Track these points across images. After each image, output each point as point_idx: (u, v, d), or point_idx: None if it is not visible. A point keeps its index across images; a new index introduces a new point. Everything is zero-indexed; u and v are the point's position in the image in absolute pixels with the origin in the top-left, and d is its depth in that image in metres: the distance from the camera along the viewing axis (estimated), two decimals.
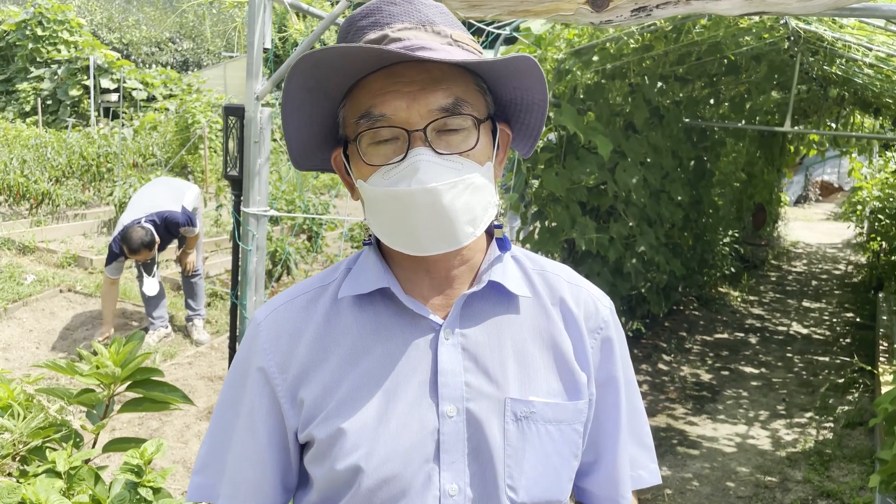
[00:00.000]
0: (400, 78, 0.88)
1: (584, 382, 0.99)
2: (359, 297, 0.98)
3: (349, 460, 0.90)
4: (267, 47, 2.44)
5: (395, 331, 0.95)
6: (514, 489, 0.93)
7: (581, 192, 4.66)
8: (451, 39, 0.91)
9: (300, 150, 0.98)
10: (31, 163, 8.77)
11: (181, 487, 3.43)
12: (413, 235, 0.90)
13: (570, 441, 0.97)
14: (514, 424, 0.93)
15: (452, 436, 0.92)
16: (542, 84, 0.94)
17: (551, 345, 0.99)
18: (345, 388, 0.93)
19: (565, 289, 1.03)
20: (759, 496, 3.84)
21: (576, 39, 4.31)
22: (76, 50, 15.23)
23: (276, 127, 5.20)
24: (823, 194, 19.11)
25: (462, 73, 0.91)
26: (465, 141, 0.91)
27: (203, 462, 1.03)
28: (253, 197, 2.55)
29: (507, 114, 1.01)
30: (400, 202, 0.88)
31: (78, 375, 1.89)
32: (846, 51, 4.66)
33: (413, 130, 0.88)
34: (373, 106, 0.89)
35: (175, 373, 4.79)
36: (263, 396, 0.97)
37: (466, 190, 0.90)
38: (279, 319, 0.99)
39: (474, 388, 0.93)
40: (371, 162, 0.90)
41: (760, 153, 9.34)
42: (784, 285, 9.34)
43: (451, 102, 0.89)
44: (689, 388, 5.40)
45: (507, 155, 1.03)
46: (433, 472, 0.91)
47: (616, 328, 1.05)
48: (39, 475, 1.67)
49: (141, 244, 4.74)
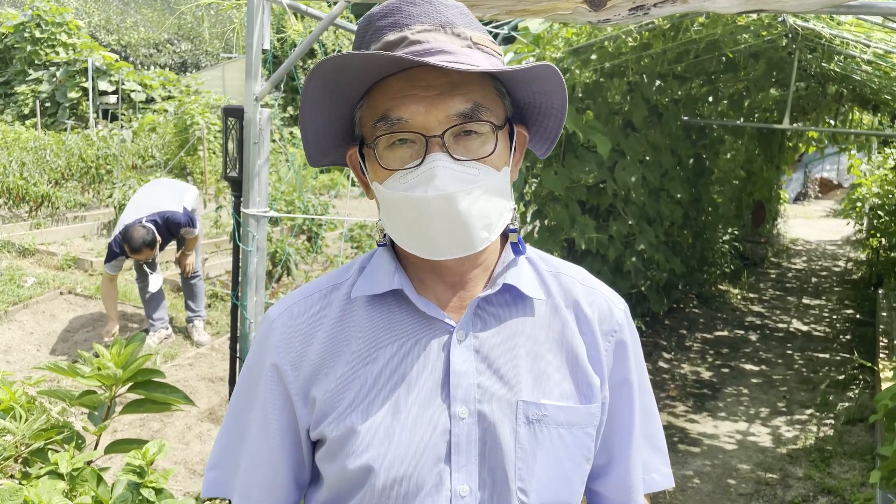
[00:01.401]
0: (419, 82, 0.88)
1: (598, 386, 0.99)
2: (372, 297, 0.98)
3: (361, 460, 0.91)
4: (266, 48, 2.44)
5: (408, 331, 0.95)
6: (524, 492, 0.93)
7: (580, 191, 4.67)
8: (471, 42, 0.90)
9: (316, 148, 0.98)
10: (31, 165, 8.76)
11: (183, 488, 3.43)
12: (428, 240, 0.90)
13: (582, 445, 0.97)
14: (526, 427, 0.93)
15: (464, 437, 0.92)
16: (561, 90, 0.94)
17: (565, 348, 0.99)
18: (357, 387, 0.94)
19: (579, 291, 1.03)
20: (760, 493, 3.85)
21: (574, 38, 4.31)
22: (74, 52, 15.21)
23: (274, 128, 5.20)
24: (823, 191, 19.12)
25: (482, 78, 0.91)
26: (482, 146, 0.90)
27: (217, 458, 1.04)
28: (253, 198, 2.55)
29: (525, 115, 1.00)
30: (416, 208, 0.88)
31: (79, 377, 1.89)
32: (844, 48, 4.66)
33: (431, 136, 0.87)
34: (390, 109, 0.88)
35: (176, 374, 4.79)
36: (276, 394, 0.97)
37: (483, 196, 0.89)
38: (292, 317, 0.99)
39: (486, 391, 0.93)
40: (387, 166, 0.90)
41: (759, 150, 9.34)
42: (784, 282, 9.35)
43: (469, 108, 0.88)
44: (689, 386, 5.41)
45: (520, 164, 1.03)
46: (444, 472, 0.91)
47: (631, 331, 1.05)
48: (42, 477, 1.67)
49: (143, 243, 4.74)
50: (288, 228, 7.39)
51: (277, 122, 5.07)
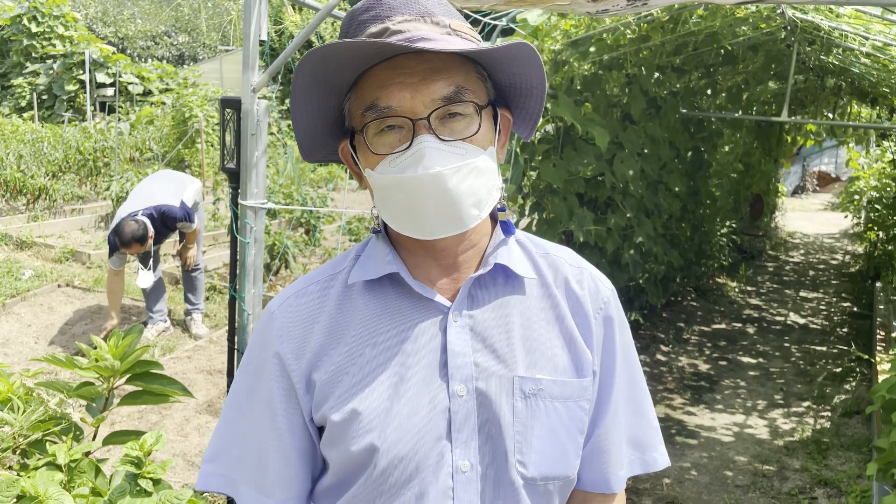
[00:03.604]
0: (403, 69, 0.91)
1: (590, 360, 1.02)
2: (369, 282, 1.00)
3: (364, 441, 0.93)
4: (263, 39, 2.43)
5: (404, 314, 0.98)
6: (523, 464, 0.96)
7: (579, 184, 4.66)
8: (450, 29, 0.94)
9: (309, 142, 1.01)
10: (28, 158, 8.75)
11: (181, 480, 3.44)
12: (421, 220, 0.93)
13: (576, 418, 1.00)
14: (523, 402, 0.97)
15: (463, 414, 0.95)
16: (539, 69, 0.97)
17: (557, 324, 1.02)
18: (356, 369, 0.96)
19: (568, 270, 1.06)
20: (757, 485, 3.86)
21: (573, 30, 4.30)
22: (71, 44, 15.16)
23: (272, 120, 5.17)
24: (821, 184, 19.13)
25: (462, 62, 0.94)
26: (467, 127, 0.93)
27: (215, 450, 1.04)
28: (250, 189, 2.54)
29: (507, 99, 1.04)
30: (407, 188, 0.91)
31: (77, 369, 1.89)
32: (843, 40, 4.65)
33: (417, 119, 0.91)
34: (378, 98, 0.92)
35: (174, 367, 4.80)
36: (280, 383, 0.98)
37: (471, 174, 0.92)
38: (293, 307, 1.01)
39: (483, 368, 0.96)
40: (378, 151, 0.93)
41: (758, 143, 9.34)
42: (781, 275, 9.36)
43: (452, 91, 0.92)
44: (687, 379, 5.42)
45: (506, 146, 1.05)
46: (445, 449, 0.94)
47: (617, 309, 1.08)
48: (40, 468, 1.67)
49: (132, 238, 4.67)
50: (286, 221, 7.38)
51: (275, 114, 5.06)
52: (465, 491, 0.94)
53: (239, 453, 1.02)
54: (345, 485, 0.97)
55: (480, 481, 0.95)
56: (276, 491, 0.99)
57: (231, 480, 1.02)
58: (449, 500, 0.94)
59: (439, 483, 0.94)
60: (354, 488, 0.96)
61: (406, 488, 0.93)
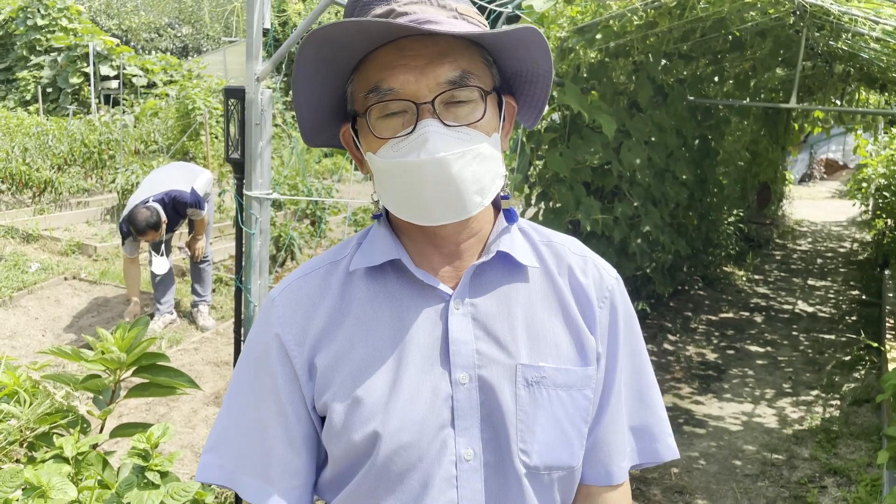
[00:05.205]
0: (407, 52, 0.89)
1: (594, 349, 1.01)
2: (370, 269, 0.99)
3: (367, 428, 0.92)
4: (266, 28, 2.41)
5: (405, 301, 0.97)
6: (526, 453, 0.95)
7: (585, 173, 4.63)
8: (457, 13, 0.93)
9: (310, 125, 1.00)
10: (33, 151, 8.75)
11: (189, 472, 3.44)
12: (423, 206, 0.91)
13: (579, 406, 0.98)
14: (526, 390, 0.95)
15: (466, 402, 0.94)
16: (546, 56, 0.95)
17: (561, 312, 1.01)
18: (358, 357, 0.95)
19: (572, 259, 1.05)
20: (766, 474, 3.85)
21: (579, 17, 4.26)
22: (75, 37, 15.14)
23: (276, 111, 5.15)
24: (828, 172, 19.01)
25: (468, 46, 0.92)
26: (472, 112, 0.92)
27: (215, 440, 1.02)
28: (255, 180, 2.53)
29: (513, 86, 1.02)
30: (409, 173, 0.89)
31: (84, 361, 1.88)
32: (852, 25, 4.59)
33: (421, 103, 0.89)
34: (381, 80, 0.90)
35: (181, 359, 4.80)
36: (284, 370, 0.97)
37: (475, 160, 0.91)
38: (294, 294, 1.00)
39: (485, 356, 0.95)
40: (380, 135, 0.91)
41: (765, 131, 9.27)
42: (789, 264, 9.31)
43: (458, 75, 0.90)
44: (694, 368, 5.40)
45: (511, 135, 1.03)
46: (448, 437, 0.93)
47: (622, 297, 1.06)
48: (47, 461, 1.67)
49: (146, 225, 4.74)
50: (292, 213, 7.37)
51: (280, 105, 5.05)
52: (468, 479, 0.93)
53: (241, 442, 1.00)
54: (346, 476, 0.96)
55: (484, 469, 0.94)
56: (280, 479, 0.97)
57: (231, 470, 1.00)
58: (453, 488, 0.93)
59: (443, 471, 0.93)
60: (356, 479, 0.94)
61: (409, 477, 0.92)
